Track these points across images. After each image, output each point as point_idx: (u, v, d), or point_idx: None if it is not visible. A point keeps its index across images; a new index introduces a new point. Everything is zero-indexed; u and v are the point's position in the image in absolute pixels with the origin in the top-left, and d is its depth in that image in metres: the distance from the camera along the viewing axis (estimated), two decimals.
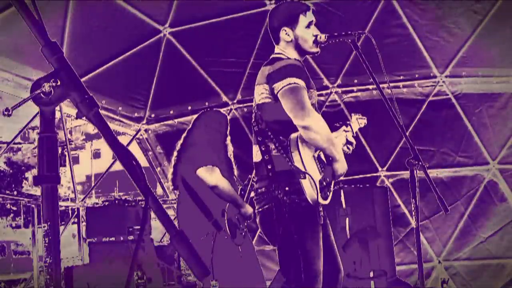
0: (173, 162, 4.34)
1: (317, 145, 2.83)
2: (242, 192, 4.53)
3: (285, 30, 3.01)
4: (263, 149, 2.93)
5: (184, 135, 4.44)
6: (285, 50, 3.04)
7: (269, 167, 2.88)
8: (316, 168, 2.85)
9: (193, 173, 4.05)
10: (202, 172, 4.00)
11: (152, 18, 6.70)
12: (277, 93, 2.85)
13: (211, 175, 3.99)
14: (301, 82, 2.84)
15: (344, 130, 3.20)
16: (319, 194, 2.80)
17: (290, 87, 2.81)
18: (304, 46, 3.02)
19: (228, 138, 4.48)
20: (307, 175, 2.77)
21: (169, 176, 4.36)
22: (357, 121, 3.37)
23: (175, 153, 4.37)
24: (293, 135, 2.84)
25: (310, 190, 2.78)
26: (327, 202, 2.92)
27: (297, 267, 2.82)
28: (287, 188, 2.82)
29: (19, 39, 5.67)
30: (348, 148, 3.16)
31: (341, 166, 2.91)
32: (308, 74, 2.96)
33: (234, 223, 4.14)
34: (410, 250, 7.73)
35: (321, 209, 2.92)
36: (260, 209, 2.96)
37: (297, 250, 2.83)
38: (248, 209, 4.20)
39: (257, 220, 3.02)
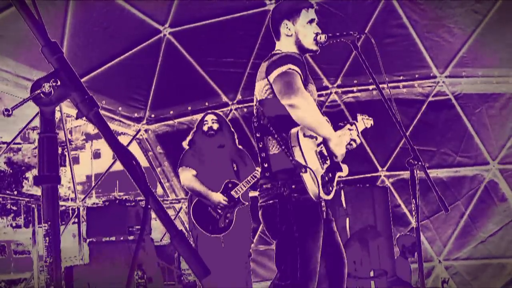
0: None
1: (306, 124, 2.75)
2: (230, 185, 4.62)
3: (286, 24, 2.98)
4: (260, 146, 2.89)
5: None
6: (285, 46, 2.99)
7: (266, 165, 2.85)
8: (318, 162, 2.81)
9: None
10: (179, 172, 4.82)
11: (152, 18, 6.70)
12: (272, 82, 2.81)
13: (181, 175, 4.77)
14: (295, 68, 2.78)
15: (349, 129, 3.13)
16: (321, 189, 2.76)
17: (282, 72, 2.76)
18: (304, 42, 2.97)
19: (236, 139, 4.91)
20: (308, 169, 2.72)
21: None
22: (363, 121, 3.31)
23: None
24: (293, 130, 2.79)
25: (311, 185, 2.74)
26: (330, 197, 2.87)
27: (294, 264, 2.79)
28: (293, 186, 2.78)
29: (19, 39, 5.67)
30: (350, 144, 3.08)
31: (337, 145, 2.88)
32: (306, 69, 2.90)
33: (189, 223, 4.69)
34: None
35: (323, 204, 2.87)
36: (264, 203, 2.90)
37: (296, 248, 2.79)
38: (215, 198, 4.60)
39: (259, 213, 2.95)
